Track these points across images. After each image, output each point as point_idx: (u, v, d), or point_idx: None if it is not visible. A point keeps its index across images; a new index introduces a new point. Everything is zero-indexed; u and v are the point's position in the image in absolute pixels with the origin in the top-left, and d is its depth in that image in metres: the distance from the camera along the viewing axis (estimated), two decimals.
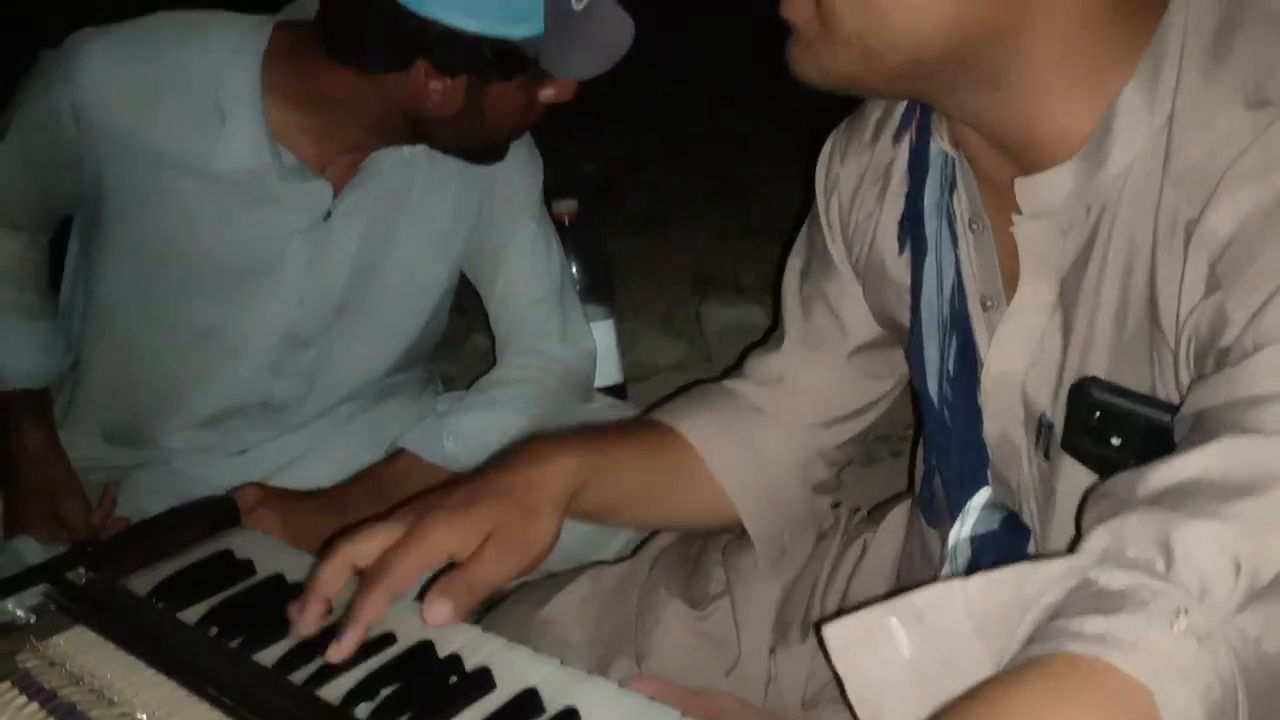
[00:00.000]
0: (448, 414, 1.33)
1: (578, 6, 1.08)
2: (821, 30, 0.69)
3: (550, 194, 1.50)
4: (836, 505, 1.11)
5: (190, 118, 1.17)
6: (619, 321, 1.76)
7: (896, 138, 0.88)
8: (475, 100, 1.13)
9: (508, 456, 0.87)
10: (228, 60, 1.17)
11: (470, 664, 0.70)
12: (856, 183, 0.92)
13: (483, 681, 0.68)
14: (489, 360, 1.47)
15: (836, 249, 0.97)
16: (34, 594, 0.85)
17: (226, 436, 1.36)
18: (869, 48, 0.67)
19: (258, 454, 1.37)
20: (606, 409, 1.47)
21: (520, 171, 1.35)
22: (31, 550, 1.24)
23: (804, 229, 1.03)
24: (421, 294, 1.38)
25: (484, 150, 1.23)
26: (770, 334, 1.09)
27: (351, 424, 1.41)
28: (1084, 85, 0.68)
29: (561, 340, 1.40)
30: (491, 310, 1.43)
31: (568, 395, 1.41)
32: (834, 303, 0.99)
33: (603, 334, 1.63)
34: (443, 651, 0.72)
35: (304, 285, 1.27)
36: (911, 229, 0.84)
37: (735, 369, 1.10)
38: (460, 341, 2.15)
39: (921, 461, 0.96)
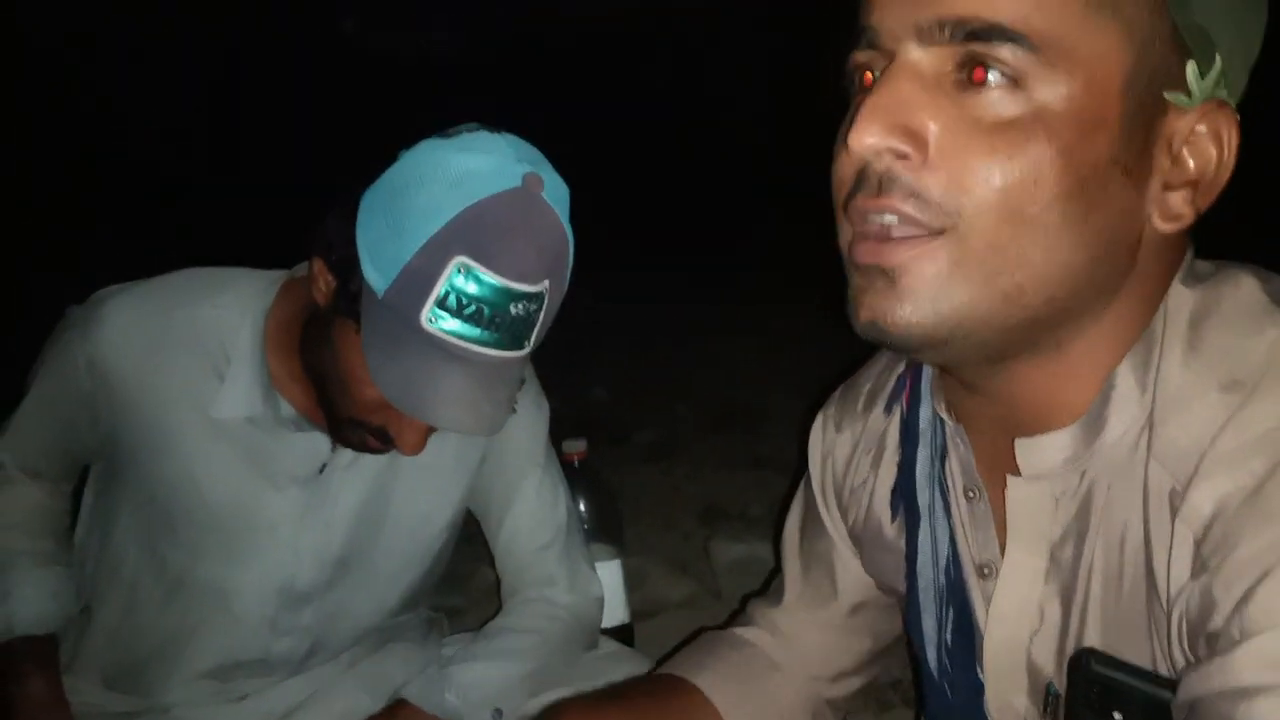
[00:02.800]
0: (450, 664, 1.32)
1: (428, 323, 1.02)
2: (951, 271, 0.65)
3: (560, 433, 1.54)
4: None
5: (197, 371, 1.22)
6: (626, 558, 1.77)
7: (888, 408, 0.91)
8: (330, 316, 1.11)
9: None
10: (236, 316, 1.23)
11: None
12: (850, 451, 0.95)
13: None
14: (497, 594, 1.46)
15: (830, 516, 0.99)
16: None
17: (226, 685, 1.35)
18: (1016, 285, 0.65)
19: (257, 700, 1.35)
20: (613, 654, 1.45)
21: (526, 417, 1.38)
22: None
23: (800, 490, 1.06)
24: (425, 542, 1.39)
25: (332, 414, 1.17)
26: (773, 577, 1.11)
27: (353, 671, 1.40)
28: (1098, 357, 0.71)
29: (569, 588, 1.40)
30: (497, 554, 1.43)
31: (574, 643, 1.40)
32: (830, 565, 1.00)
33: (610, 574, 1.63)
34: None
35: (300, 539, 1.28)
36: (905, 498, 0.87)
37: (741, 613, 1.10)
38: (468, 574, 2.14)
39: None
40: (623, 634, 1.65)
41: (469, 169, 1.02)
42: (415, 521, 1.36)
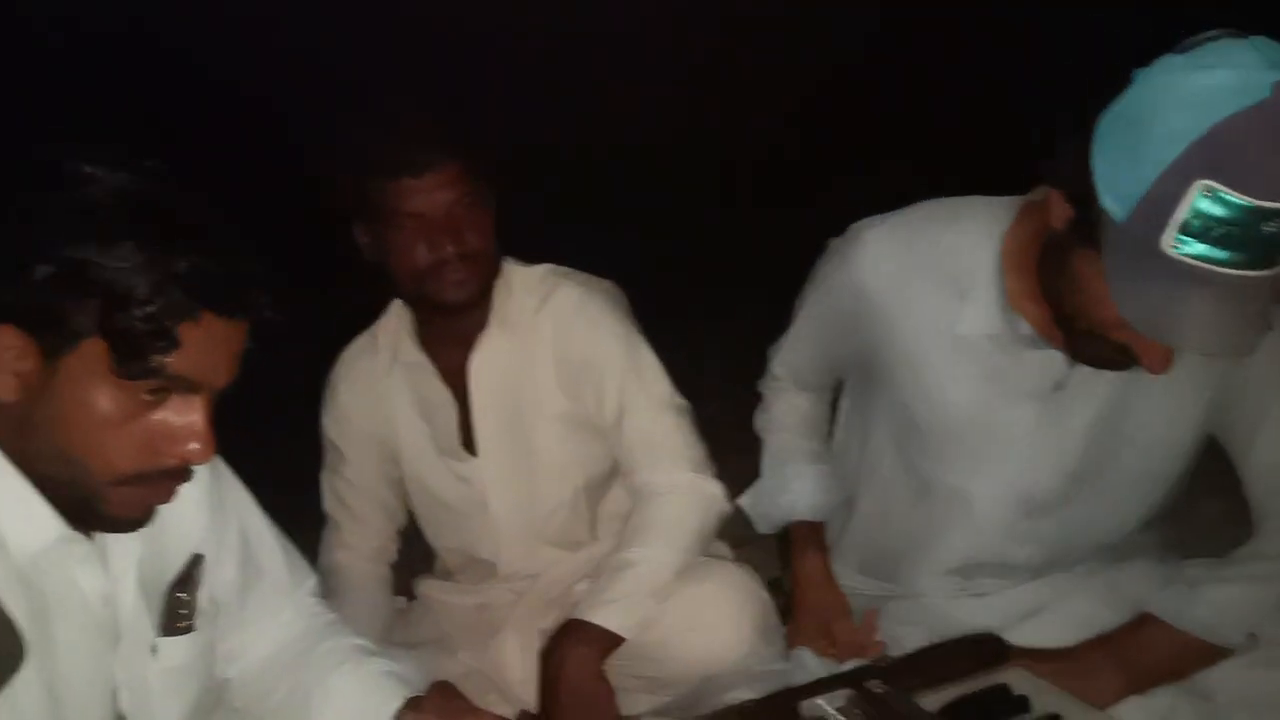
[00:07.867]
0: (1200, 581, 1.31)
1: (1171, 249, 1.02)
2: None
3: None
4: None
5: (941, 292, 1.34)
6: None
7: None
8: (1068, 243, 1.13)
9: None
10: (976, 239, 1.32)
11: None
12: None
13: None
14: (1216, 527, 1.41)
15: None
16: (840, 695, 1.03)
17: (968, 581, 1.47)
18: None
19: (998, 600, 1.45)
20: None
21: (1273, 339, 1.30)
22: (810, 660, 1.45)
23: None
24: (1162, 462, 1.38)
25: (1070, 331, 1.21)
26: None
27: (1091, 581, 1.43)
28: None
29: None
30: (1245, 482, 1.38)
31: None
32: None
33: None
34: None
35: (1036, 452, 1.35)
36: None
37: None
38: (1189, 507, 2.06)
39: None
40: None
41: (1208, 87, 1.00)
42: (1152, 440, 1.36)
